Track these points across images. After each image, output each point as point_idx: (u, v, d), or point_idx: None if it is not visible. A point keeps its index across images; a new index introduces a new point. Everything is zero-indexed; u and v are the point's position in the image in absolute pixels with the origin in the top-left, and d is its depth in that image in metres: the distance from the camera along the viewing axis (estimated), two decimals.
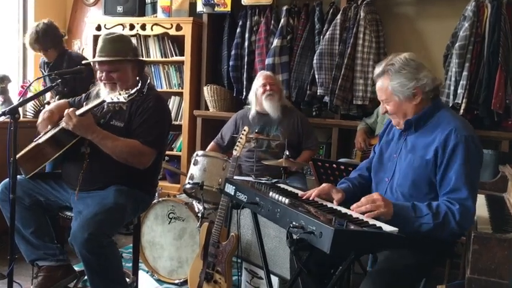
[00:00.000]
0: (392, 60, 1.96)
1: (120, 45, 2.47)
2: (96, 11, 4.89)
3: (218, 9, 4.24)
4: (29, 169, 2.48)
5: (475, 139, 1.88)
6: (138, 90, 2.18)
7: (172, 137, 4.53)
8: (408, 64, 1.93)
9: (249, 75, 4.15)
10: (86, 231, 2.14)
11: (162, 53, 4.48)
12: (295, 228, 1.60)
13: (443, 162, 1.86)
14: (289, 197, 1.87)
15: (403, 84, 1.92)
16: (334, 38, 3.83)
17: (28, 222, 2.45)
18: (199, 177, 2.95)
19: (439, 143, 1.88)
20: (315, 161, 2.93)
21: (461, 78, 3.46)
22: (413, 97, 1.94)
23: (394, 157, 2.05)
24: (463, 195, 1.80)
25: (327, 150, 4.10)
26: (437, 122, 1.94)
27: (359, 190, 2.16)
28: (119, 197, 2.34)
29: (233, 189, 2.11)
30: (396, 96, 1.95)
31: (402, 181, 1.97)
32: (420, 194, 1.92)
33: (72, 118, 2.25)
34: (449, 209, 1.79)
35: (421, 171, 1.92)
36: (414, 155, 1.95)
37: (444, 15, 3.82)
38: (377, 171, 2.13)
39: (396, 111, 1.98)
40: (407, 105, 1.95)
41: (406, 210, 1.79)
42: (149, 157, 2.41)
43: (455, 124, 1.89)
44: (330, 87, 3.84)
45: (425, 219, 1.78)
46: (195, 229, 2.99)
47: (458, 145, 1.84)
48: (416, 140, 1.98)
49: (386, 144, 2.14)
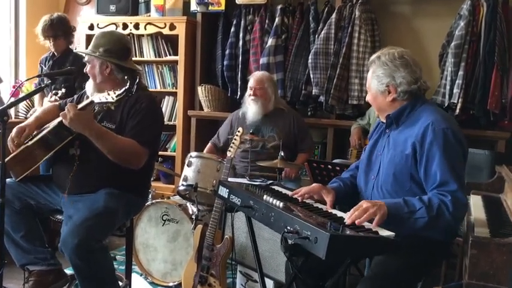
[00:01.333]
0: (381, 53, 2.00)
1: (97, 41, 2.46)
2: (89, 10, 4.84)
3: (212, 8, 4.19)
4: (19, 172, 2.43)
5: (454, 131, 1.86)
6: (126, 90, 2.13)
7: (166, 138, 4.48)
8: (392, 61, 1.93)
9: (243, 75, 4.12)
10: (76, 238, 2.09)
11: (155, 53, 4.44)
12: (289, 233, 1.57)
13: (423, 157, 1.84)
14: (284, 200, 1.84)
15: (379, 79, 1.96)
16: (329, 37, 3.80)
17: (18, 226, 2.40)
18: (193, 179, 2.91)
19: (416, 138, 1.87)
20: (310, 162, 2.91)
21: (457, 77, 3.43)
22: (387, 94, 1.96)
23: (379, 155, 2.05)
24: (453, 188, 1.78)
25: (322, 150, 4.08)
26: (418, 117, 1.93)
27: (350, 189, 2.15)
28: (109, 200, 2.29)
29: (227, 192, 2.07)
30: (373, 87, 2.00)
31: (385, 178, 1.96)
32: (403, 189, 1.90)
33: (70, 111, 2.19)
34: (442, 201, 1.77)
35: (401, 166, 1.91)
36: (395, 151, 1.94)
37: (440, 14, 3.80)
38: (365, 171, 2.12)
39: (372, 101, 2.05)
40: (381, 99, 1.99)
41: (399, 206, 1.77)
42: (144, 158, 2.37)
43: (434, 117, 1.88)
44: (325, 87, 3.81)
45: (419, 214, 1.76)
46: (189, 231, 2.95)
47: (435, 138, 1.83)
48: (398, 135, 1.98)
49: (374, 144, 2.13)
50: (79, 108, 2.21)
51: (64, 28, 3.64)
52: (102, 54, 2.42)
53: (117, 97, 2.11)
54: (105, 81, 2.45)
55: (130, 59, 2.54)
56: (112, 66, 2.44)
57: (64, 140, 2.32)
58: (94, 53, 2.43)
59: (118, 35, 2.57)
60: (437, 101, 3.56)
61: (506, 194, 2.45)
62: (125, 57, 2.48)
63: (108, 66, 2.44)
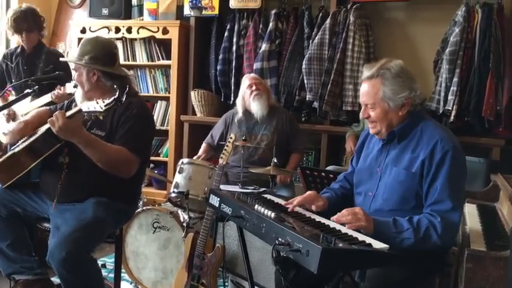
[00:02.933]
0: (387, 65, 1.87)
1: (83, 48, 2.39)
2: (81, 13, 4.79)
3: (206, 12, 4.16)
4: (5, 179, 2.38)
5: (460, 150, 1.84)
6: (115, 99, 2.07)
7: (158, 143, 4.44)
8: (404, 72, 1.86)
9: (237, 80, 4.08)
10: (64, 251, 2.04)
11: (148, 57, 4.40)
12: (281, 245, 1.53)
13: (430, 173, 1.81)
14: (276, 210, 1.79)
15: (396, 92, 1.84)
16: (323, 42, 3.77)
17: (4, 235, 2.35)
18: (184, 186, 2.87)
19: (425, 155, 1.82)
20: (304, 169, 2.87)
21: (452, 84, 3.42)
22: (401, 107, 1.87)
23: (378, 171, 1.98)
24: (447, 207, 1.76)
25: (316, 156, 4.04)
26: (421, 134, 1.89)
27: (341, 199, 2.11)
28: (98, 210, 2.24)
29: (218, 201, 2.03)
30: (386, 103, 1.86)
31: (389, 195, 1.91)
32: (407, 208, 1.86)
33: (59, 119, 2.14)
34: (431, 223, 1.74)
35: (408, 184, 1.86)
36: (399, 168, 1.89)
37: (434, 20, 3.78)
38: (359, 186, 2.07)
39: (381, 118, 1.89)
40: (394, 114, 1.88)
41: (387, 225, 1.74)
42: (134, 166, 2.31)
43: (441, 135, 1.84)
44: (319, 93, 3.78)
45: (406, 234, 1.74)
46: (180, 239, 2.90)
47: (445, 156, 1.79)
48: (400, 152, 1.92)
49: (365, 158, 2.07)
50: (67, 116, 2.16)
51: (37, 20, 3.34)
52: (87, 61, 2.35)
53: (105, 106, 2.06)
54: (93, 89, 2.39)
55: (117, 64, 2.46)
56: (99, 73, 2.37)
57: (52, 148, 2.28)
58: (80, 60, 2.36)
59: (103, 40, 2.51)
60: (432, 107, 3.54)
61: (502, 203, 2.42)
62: (111, 63, 2.41)
63: (95, 73, 2.37)
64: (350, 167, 2.23)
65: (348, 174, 2.22)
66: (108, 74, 2.38)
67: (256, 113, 3.45)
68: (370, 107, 1.90)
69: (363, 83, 1.94)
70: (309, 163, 4.05)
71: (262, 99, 3.43)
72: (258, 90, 3.44)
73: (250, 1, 4.01)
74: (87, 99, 2.34)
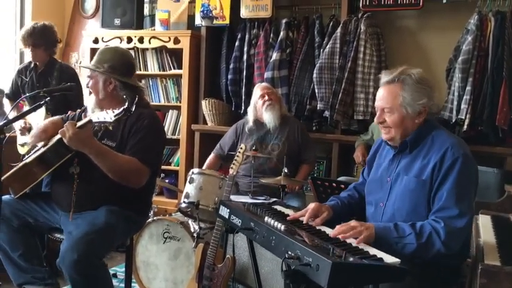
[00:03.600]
0: (409, 71, 1.86)
1: (101, 56, 2.42)
2: (94, 24, 4.84)
3: (217, 22, 4.17)
4: (18, 189, 2.40)
5: (470, 158, 1.82)
6: (125, 110, 2.08)
7: (169, 152, 4.45)
8: (424, 80, 1.86)
9: (247, 89, 4.08)
10: (75, 253, 2.05)
11: (160, 66, 4.42)
12: (290, 259, 1.52)
13: (438, 179, 1.80)
14: (286, 222, 1.78)
15: (415, 99, 1.83)
16: (334, 51, 3.76)
17: (16, 245, 2.37)
18: (194, 196, 2.86)
19: (435, 162, 1.81)
20: (314, 180, 2.85)
21: (465, 93, 3.38)
22: (419, 115, 1.86)
23: (388, 181, 1.97)
24: (452, 214, 1.74)
25: (327, 165, 4.02)
26: (432, 142, 1.87)
27: (347, 208, 2.10)
28: (109, 217, 2.25)
29: (227, 212, 2.02)
30: (404, 108, 1.85)
31: (400, 205, 1.90)
32: (419, 217, 1.84)
33: (69, 130, 2.16)
34: (434, 228, 1.72)
35: (418, 193, 1.84)
36: (409, 177, 1.88)
37: (446, 28, 3.75)
38: (370, 197, 2.06)
39: (397, 124, 1.87)
40: (410, 121, 1.87)
41: (389, 231, 1.73)
42: (145, 176, 2.32)
43: (451, 142, 1.83)
44: (330, 102, 3.77)
45: (408, 239, 1.72)
46: (190, 249, 2.89)
47: (455, 162, 1.78)
48: (411, 161, 1.90)
49: (377, 168, 2.06)
50: (78, 126, 2.17)
51: (46, 38, 3.37)
52: (106, 70, 2.38)
53: (115, 116, 2.07)
54: (107, 98, 2.41)
55: (134, 75, 2.50)
56: (116, 82, 2.40)
57: (63, 158, 2.29)
58: (98, 68, 2.40)
59: (122, 51, 2.54)
60: (445, 116, 3.51)
61: None
62: (129, 74, 2.44)
63: (112, 82, 2.40)
64: (361, 178, 2.23)
65: (359, 184, 2.21)
66: (124, 84, 2.40)
67: (269, 123, 3.44)
68: (387, 111, 1.88)
69: (381, 87, 1.93)
70: (320, 172, 4.02)
71: (275, 109, 3.42)
72: (270, 100, 3.44)
73: (261, 10, 4.02)
74: (99, 108, 2.36)
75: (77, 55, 4.93)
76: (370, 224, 1.73)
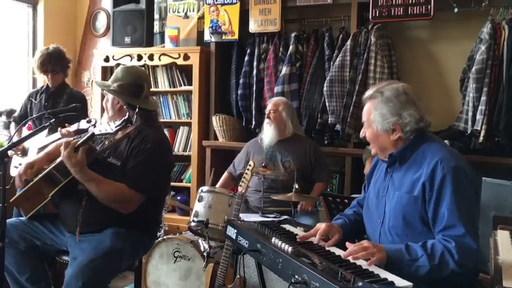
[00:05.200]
0: (383, 88, 1.87)
1: (115, 75, 2.45)
2: (105, 42, 4.88)
3: (226, 37, 4.16)
4: (28, 209, 2.40)
5: (464, 169, 1.77)
6: (125, 120, 2.15)
7: (181, 168, 4.42)
8: (397, 97, 1.83)
9: (257, 104, 4.05)
10: (80, 280, 2.03)
11: (170, 83, 4.42)
12: (297, 284, 1.46)
13: (433, 197, 1.75)
14: (294, 244, 1.73)
15: (384, 117, 1.84)
16: (344, 64, 3.71)
17: (23, 268, 2.35)
18: (204, 215, 2.82)
19: (425, 178, 1.77)
20: (326, 196, 2.79)
21: (480, 103, 3.29)
22: (392, 132, 1.85)
23: (382, 196, 1.93)
24: (459, 232, 1.68)
25: (340, 179, 3.95)
26: (423, 155, 1.83)
27: (355, 226, 2.07)
28: (116, 240, 2.22)
29: (235, 233, 1.97)
30: (375, 125, 1.87)
31: (394, 222, 1.85)
32: (415, 233, 1.80)
33: (65, 149, 2.16)
34: (446, 248, 1.67)
35: (411, 208, 1.80)
36: (401, 192, 1.84)
37: (459, 37, 3.67)
38: (369, 213, 2.02)
39: (372, 139, 1.91)
40: (384, 138, 1.87)
41: (400, 253, 1.68)
42: (135, 203, 2.28)
43: (441, 155, 1.78)
44: (341, 115, 3.71)
45: (421, 262, 1.67)
46: (201, 269, 2.85)
47: (445, 177, 1.73)
48: (403, 176, 1.86)
49: (375, 184, 2.02)
50: (80, 143, 2.17)
51: (62, 62, 3.52)
52: (115, 89, 2.39)
53: (116, 127, 2.10)
54: (115, 115, 2.42)
55: (143, 96, 2.44)
56: (122, 102, 2.41)
57: (70, 175, 2.27)
58: (108, 87, 2.41)
59: (135, 71, 2.51)
60: (460, 127, 3.42)
61: None
62: (136, 95, 2.42)
63: (119, 102, 2.42)
64: (363, 193, 2.19)
65: (361, 200, 2.18)
66: (130, 105, 2.40)
67: (265, 140, 3.42)
68: (365, 126, 1.93)
69: (364, 102, 1.97)
70: (333, 187, 3.95)
71: (271, 128, 3.41)
72: (268, 118, 3.43)
73: (270, 25, 4.00)
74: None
75: (88, 74, 4.97)
76: (382, 246, 1.68)
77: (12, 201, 2.35)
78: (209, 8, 4.19)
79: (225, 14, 4.13)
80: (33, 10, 4.64)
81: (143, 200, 2.28)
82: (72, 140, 2.20)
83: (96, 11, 4.95)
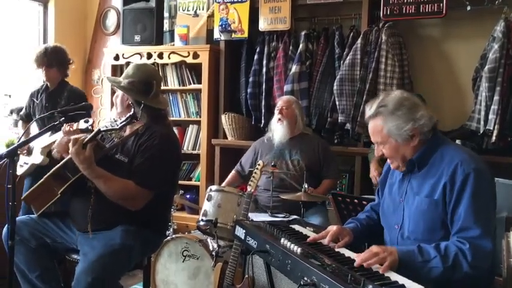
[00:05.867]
0: (384, 101, 1.83)
1: (127, 72, 2.45)
2: (115, 40, 4.88)
3: (235, 35, 4.15)
4: (39, 206, 2.42)
5: (484, 171, 1.74)
6: (130, 116, 2.17)
7: (190, 167, 4.42)
8: (402, 104, 1.81)
9: (267, 103, 4.03)
10: (90, 276, 2.04)
11: (179, 81, 4.41)
12: (306, 286, 1.44)
13: (453, 199, 1.72)
14: (303, 245, 1.71)
15: (399, 127, 1.80)
16: (355, 62, 3.68)
17: (34, 266, 2.36)
18: (212, 214, 2.81)
19: (446, 180, 1.74)
20: (335, 196, 2.76)
21: (493, 102, 3.24)
22: (411, 139, 1.81)
23: (401, 201, 1.91)
24: (474, 234, 1.66)
25: (350, 179, 3.92)
26: (441, 158, 1.80)
27: (366, 230, 2.04)
28: (126, 237, 2.23)
29: (243, 233, 1.97)
30: (393, 139, 1.82)
31: (414, 227, 1.83)
32: (436, 238, 1.76)
33: (74, 145, 2.15)
34: (460, 250, 1.65)
35: (432, 214, 1.78)
36: (421, 197, 1.81)
37: (472, 36, 3.62)
38: (385, 219, 1.99)
39: (393, 154, 1.86)
40: (405, 148, 1.83)
41: (412, 255, 1.65)
42: (142, 200, 2.27)
43: (461, 157, 1.76)
44: (351, 114, 3.68)
45: (434, 263, 1.64)
46: (210, 268, 2.84)
47: (467, 179, 1.71)
48: (422, 180, 1.84)
49: (390, 188, 2.00)
50: (87, 139, 2.17)
51: (58, 58, 3.48)
52: (124, 85, 2.39)
53: (121, 123, 2.11)
54: (125, 111, 2.43)
55: (153, 94, 2.42)
56: (131, 99, 2.42)
57: (79, 172, 2.27)
58: (119, 83, 2.42)
59: (146, 69, 2.51)
60: (472, 127, 3.38)
61: None
62: (146, 93, 2.41)
63: (127, 98, 2.44)
64: (376, 198, 2.17)
65: (375, 205, 2.15)
66: (137, 102, 2.40)
67: (274, 139, 3.40)
68: (380, 144, 1.87)
69: (367, 122, 1.91)
70: (343, 186, 3.93)
71: (283, 126, 3.40)
72: (280, 114, 3.42)
73: (280, 23, 3.98)
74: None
75: (98, 72, 4.98)
76: (393, 249, 1.65)
77: (22, 198, 2.37)
78: (219, 6, 4.18)
79: (235, 12, 4.12)
80: (44, 8, 4.66)
81: (151, 196, 2.28)
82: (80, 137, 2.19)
83: (106, 9, 4.96)
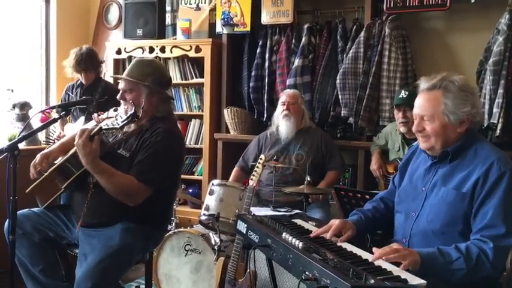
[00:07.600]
0: (451, 77, 1.78)
1: (143, 69, 2.38)
2: (118, 34, 4.86)
3: (238, 29, 4.12)
4: (43, 199, 2.44)
5: None
6: (131, 115, 2.13)
7: (193, 161, 4.41)
8: (468, 87, 1.78)
9: (269, 97, 4.01)
10: (90, 281, 2.04)
11: (182, 75, 4.40)
12: (307, 280, 1.44)
13: (482, 195, 1.69)
14: (304, 239, 1.70)
15: (459, 106, 1.74)
16: (358, 56, 3.65)
17: (37, 260, 2.36)
18: (214, 208, 2.81)
19: (479, 175, 1.71)
20: (338, 190, 2.75)
21: (497, 96, 3.21)
22: (461, 124, 1.77)
23: (423, 190, 1.87)
24: (500, 232, 1.64)
25: (353, 173, 3.90)
26: (475, 154, 1.77)
27: (372, 223, 2.01)
28: (125, 237, 2.21)
29: (245, 228, 1.96)
30: (446, 116, 1.76)
31: (434, 217, 1.80)
32: (453, 232, 1.74)
33: (80, 136, 2.14)
34: (481, 250, 1.63)
35: (456, 206, 1.74)
36: (447, 188, 1.78)
37: (476, 28, 3.59)
38: (402, 205, 1.96)
39: (438, 133, 1.78)
40: (452, 130, 1.78)
41: (434, 255, 1.62)
42: (142, 196, 2.25)
43: (497, 156, 1.74)
44: (354, 108, 3.66)
45: (457, 265, 1.62)
46: (212, 262, 2.84)
47: (502, 177, 1.68)
48: (450, 172, 1.80)
49: (411, 176, 1.97)
50: (94, 132, 2.16)
51: (93, 62, 3.74)
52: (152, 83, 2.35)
53: (122, 122, 2.10)
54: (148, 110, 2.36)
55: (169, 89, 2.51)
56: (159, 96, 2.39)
57: (82, 167, 2.26)
58: (143, 82, 2.35)
59: (159, 64, 2.57)
60: None
61: None
62: (167, 87, 2.49)
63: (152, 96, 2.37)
64: (391, 185, 2.13)
65: (386, 194, 2.11)
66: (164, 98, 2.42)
67: (281, 134, 3.40)
68: (427, 119, 1.80)
69: (420, 94, 1.84)
70: (346, 180, 3.91)
71: (290, 121, 3.38)
72: (287, 110, 3.39)
73: (282, 16, 3.95)
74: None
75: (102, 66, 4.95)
76: (413, 250, 1.62)
77: (27, 191, 2.38)
78: (221, 0, 4.15)
79: (237, 5, 4.09)
80: (45, 3, 4.64)
81: (150, 193, 2.26)
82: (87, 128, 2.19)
83: (109, 3, 4.94)
